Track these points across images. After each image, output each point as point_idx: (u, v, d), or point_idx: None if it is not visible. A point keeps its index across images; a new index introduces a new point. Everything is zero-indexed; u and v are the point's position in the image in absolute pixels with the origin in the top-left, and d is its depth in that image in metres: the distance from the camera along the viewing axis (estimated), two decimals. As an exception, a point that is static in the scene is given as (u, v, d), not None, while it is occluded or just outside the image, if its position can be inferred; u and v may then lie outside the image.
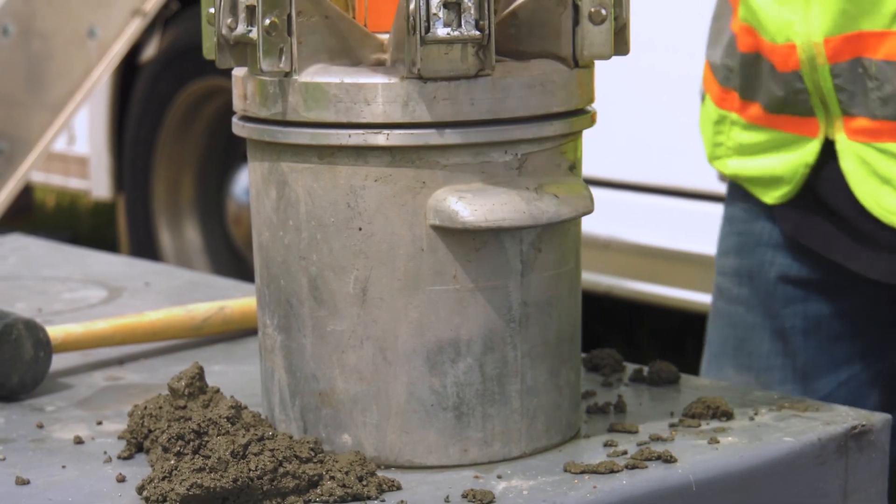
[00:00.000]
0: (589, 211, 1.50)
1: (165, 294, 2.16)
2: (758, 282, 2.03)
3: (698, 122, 2.03)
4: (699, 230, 3.40)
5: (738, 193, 2.05)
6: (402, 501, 1.40)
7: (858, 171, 1.84)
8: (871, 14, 1.79)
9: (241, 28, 1.47)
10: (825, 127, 1.86)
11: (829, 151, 1.87)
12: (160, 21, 5.23)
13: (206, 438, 1.44)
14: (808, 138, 1.88)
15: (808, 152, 1.88)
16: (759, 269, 2.03)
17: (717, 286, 2.08)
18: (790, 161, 1.89)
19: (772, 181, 1.92)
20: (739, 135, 1.94)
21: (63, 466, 1.51)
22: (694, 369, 2.04)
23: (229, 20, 1.47)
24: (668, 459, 1.49)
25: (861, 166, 1.84)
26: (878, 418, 1.60)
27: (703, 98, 2.02)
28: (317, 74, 1.46)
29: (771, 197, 1.93)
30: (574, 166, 1.52)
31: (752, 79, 1.89)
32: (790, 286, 2.01)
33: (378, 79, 1.44)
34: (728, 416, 1.61)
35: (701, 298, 3.75)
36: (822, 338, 2.00)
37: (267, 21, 1.43)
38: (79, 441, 1.58)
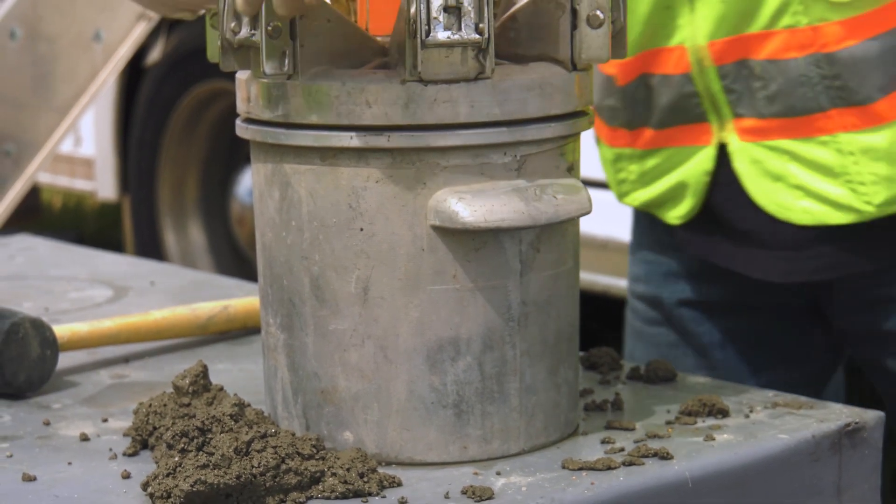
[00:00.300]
0: (587, 212, 1.50)
1: (170, 293, 2.16)
2: (668, 307, 2.05)
3: (601, 165, 2.04)
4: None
5: (642, 224, 2.07)
6: (402, 498, 1.40)
7: (750, 170, 1.85)
8: (750, 16, 1.79)
9: (244, 31, 1.46)
10: (718, 131, 1.87)
11: (723, 158, 1.88)
12: (165, 25, 5.23)
13: (209, 436, 1.44)
14: (702, 146, 1.88)
15: (704, 159, 1.88)
16: (667, 295, 2.05)
17: (633, 308, 2.10)
18: (690, 171, 1.89)
19: (676, 197, 1.92)
20: (637, 165, 1.95)
21: (69, 463, 1.51)
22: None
23: (233, 24, 1.47)
24: (665, 456, 1.49)
25: (752, 165, 1.84)
26: (872, 416, 1.60)
27: (597, 142, 2.03)
28: (319, 77, 1.46)
29: (676, 217, 1.93)
30: (572, 167, 1.52)
31: (638, 105, 1.90)
32: (697, 309, 2.02)
33: (379, 81, 1.44)
34: (724, 413, 1.60)
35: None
36: (738, 349, 2.02)
37: (270, 25, 1.43)
38: (85, 438, 1.58)
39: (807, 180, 1.81)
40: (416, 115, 1.43)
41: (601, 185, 2.04)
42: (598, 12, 1.47)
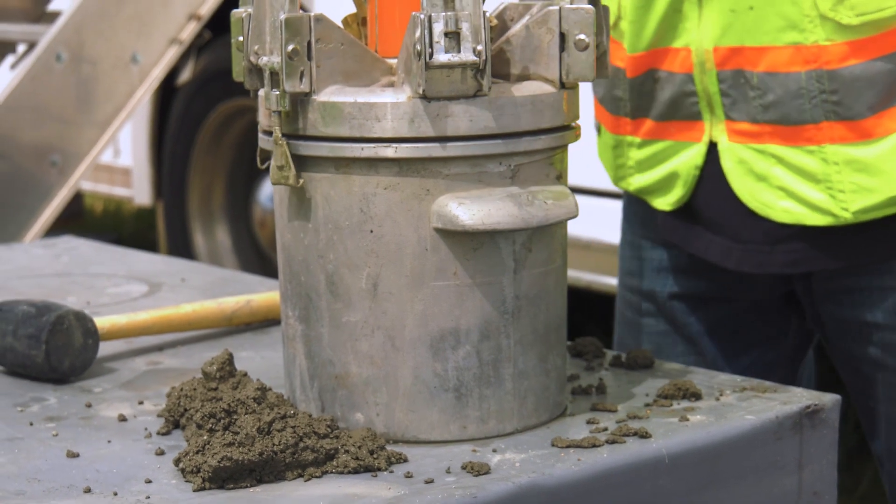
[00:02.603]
0: (574, 215, 1.50)
1: (199, 289, 2.16)
2: (658, 299, 2.04)
3: (597, 152, 2.03)
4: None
5: (635, 220, 2.06)
6: (408, 472, 1.39)
7: (737, 168, 1.84)
8: (756, 30, 1.78)
9: (265, 56, 1.46)
10: (710, 129, 1.86)
11: (713, 155, 1.87)
12: (194, 48, 5.23)
13: (235, 417, 1.43)
14: (693, 143, 1.87)
15: (696, 154, 1.87)
16: (660, 289, 2.04)
17: (627, 300, 2.10)
18: (682, 164, 1.89)
19: (668, 186, 1.92)
20: (636, 153, 1.94)
21: (109, 441, 1.50)
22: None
23: (256, 47, 1.47)
24: (644, 435, 1.48)
25: (739, 165, 1.84)
26: (829, 398, 1.59)
27: (598, 130, 2.02)
28: (333, 94, 1.45)
29: (666, 203, 1.92)
30: (561, 176, 1.52)
31: (643, 97, 1.89)
32: (684, 302, 2.01)
33: (387, 98, 1.43)
34: (697, 396, 1.60)
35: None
36: (722, 337, 2.01)
37: (290, 47, 1.43)
38: (122, 419, 1.57)
39: (790, 183, 1.80)
40: (420, 129, 1.43)
41: (586, 191, 2.04)
42: (584, 37, 1.47)
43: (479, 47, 1.41)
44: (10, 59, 4.77)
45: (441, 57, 1.40)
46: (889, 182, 1.76)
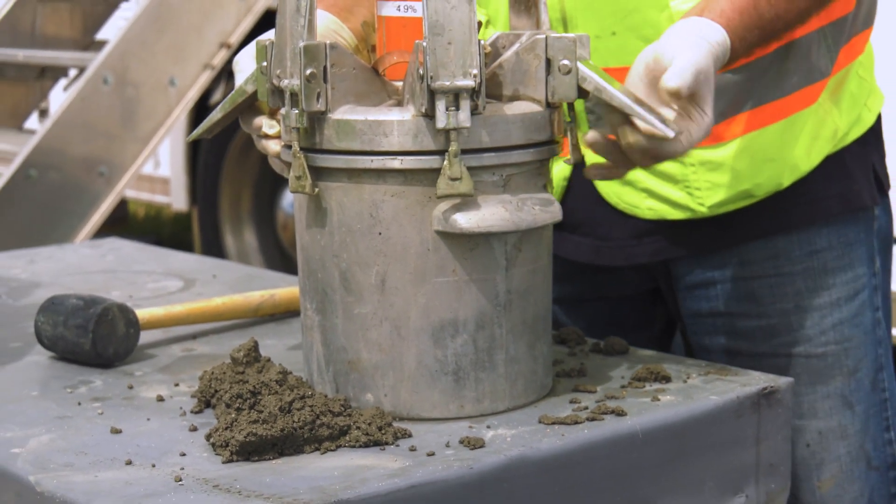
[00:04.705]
0: (558, 219, 1.49)
1: (229, 284, 2.15)
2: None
3: None
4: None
5: None
6: (412, 446, 1.39)
7: None
8: (615, 53, 1.72)
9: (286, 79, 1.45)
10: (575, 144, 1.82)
11: (581, 165, 1.83)
12: (225, 73, 5.22)
13: (259, 397, 1.43)
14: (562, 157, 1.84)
15: (564, 167, 1.84)
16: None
17: None
18: (553, 175, 1.85)
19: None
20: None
21: (148, 419, 1.50)
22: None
23: (278, 71, 1.46)
24: (620, 413, 1.47)
25: None
26: (783, 381, 1.59)
27: None
28: (346, 113, 1.44)
29: None
30: (547, 184, 1.51)
31: None
32: (562, 305, 1.95)
33: (394, 116, 1.43)
34: (667, 379, 1.59)
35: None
36: (598, 328, 1.91)
37: (308, 71, 1.42)
38: (160, 399, 1.57)
39: (652, 185, 1.79)
40: (423, 143, 1.42)
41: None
42: (567, 62, 1.47)
43: (475, 72, 1.40)
44: (63, 82, 4.78)
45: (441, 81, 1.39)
46: (737, 178, 1.76)
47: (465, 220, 1.42)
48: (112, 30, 4.53)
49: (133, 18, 4.12)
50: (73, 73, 4.71)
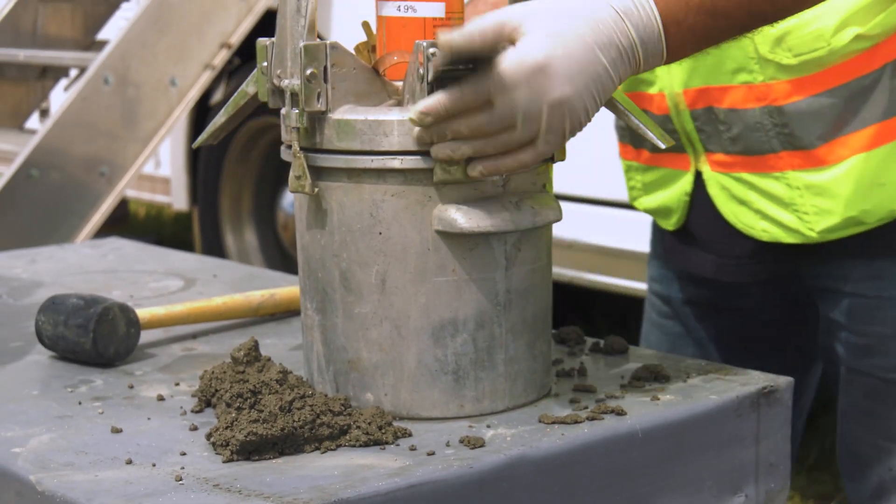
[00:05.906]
0: (557, 220, 1.49)
1: (229, 284, 2.15)
2: (675, 304, 2.02)
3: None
4: (640, 234, 3.39)
5: (657, 232, 2.04)
6: (412, 445, 1.38)
7: (720, 195, 1.83)
8: (716, 71, 1.77)
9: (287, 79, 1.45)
10: (694, 161, 1.85)
11: (700, 183, 1.86)
12: (225, 73, 5.23)
13: (259, 396, 1.43)
14: (684, 171, 1.86)
15: (685, 182, 1.86)
16: (675, 294, 2.02)
17: (651, 302, 2.08)
18: (675, 191, 1.88)
19: (667, 211, 1.91)
20: (641, 176, 1.93)
21: (148, 418, 1.49)
22: (636, 341, 2.02)
23: (279, 71, 1.46)
24: (620, 413, 1.47)
25: (722, 191, 1.82)
26: (783, 380, 1.58)
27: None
28: (346, 113, 1.44)
29: (668, 224, 1.91)
30: (546, 185, 1.51)
31: (634, 133, 1.87)
32: (696, 308, 1.99)
33: (394, 116, 1.42)
34: (666, 379, 1.59)
35: (641, 286, 3.73)
36: (730, 343, 1.99)
37: (308, 71, 1.42)
38: (161, 398, 1.56)
39: (764, 207, 1.79)
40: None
41: (568, 198, 2.02)
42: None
43: (475, 71, 1.39)
44: (63, 82, 4.77)
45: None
46: (843, 204, 1.75)
47: (465, 220, 1.42)
48: (113, 30, 4.53)
49: (134, 19, 4.12)
50: (74, 73, 4.71)
